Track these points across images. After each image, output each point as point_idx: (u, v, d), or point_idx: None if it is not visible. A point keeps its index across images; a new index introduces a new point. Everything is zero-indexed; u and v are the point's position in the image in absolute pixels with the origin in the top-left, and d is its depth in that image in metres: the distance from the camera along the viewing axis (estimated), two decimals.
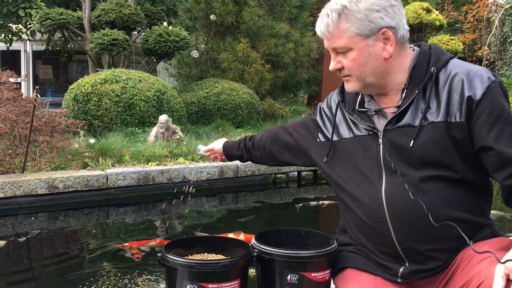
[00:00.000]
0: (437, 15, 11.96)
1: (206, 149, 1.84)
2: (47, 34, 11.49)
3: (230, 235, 3.62)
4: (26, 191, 4.58)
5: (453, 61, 1.28)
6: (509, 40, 14.48)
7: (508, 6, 14.29)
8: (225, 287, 1.25)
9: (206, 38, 9.75)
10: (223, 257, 1.45)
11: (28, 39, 15.70)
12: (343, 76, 1.31)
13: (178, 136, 6.18)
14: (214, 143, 1.83)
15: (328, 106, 1.48)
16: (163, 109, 6.97)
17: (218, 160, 1.86)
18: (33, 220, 4.36)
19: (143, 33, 9.24)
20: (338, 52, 1.27)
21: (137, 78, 7.01)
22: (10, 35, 14.23)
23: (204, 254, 1.49)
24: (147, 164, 5.41)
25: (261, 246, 1.35)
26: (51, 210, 4.62)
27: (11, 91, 5.64)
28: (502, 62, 14.80)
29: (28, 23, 13.48)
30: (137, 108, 6.71)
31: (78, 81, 6.91)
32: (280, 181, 6.19)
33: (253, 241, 1.39)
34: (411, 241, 1.24)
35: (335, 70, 1.31)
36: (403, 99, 1.27)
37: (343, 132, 1.39)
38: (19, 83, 7.25)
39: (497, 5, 15.03)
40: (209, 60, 9.58)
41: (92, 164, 5.19)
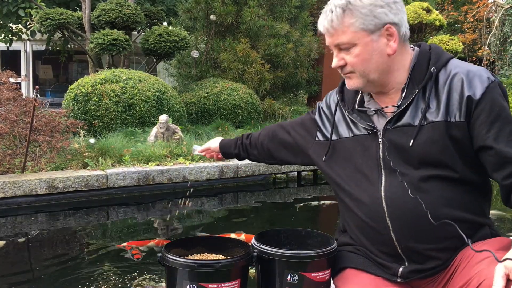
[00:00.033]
0: (437, 15, 11.96)
1: (202, 149, 1.83)
2: (47, 34, 11.49)
3: (232, 235, 3.63)
4: (26, 191, 4.58)
5: (453, 61, 1.28)
6: (509, 40, 14.47)
7: (508, 6, 14.28)
8: (225, 287, 1.26)
9: (206, 38, 9.75)
10: (223, 257, 1.45)
11: (28, 39, 15.70)
12: (345, 73, 1.30)
13: (178, 136, 6.18)
14: (210, 142, 1.82)
15: (327, 105, 1.48)
16: (163, 109, 6.97)
17: (215, 159, 1.85)
18: (33, 220, 4.36)
19: (143, 33, 9.24)
20: (341, 49, 1.27)
21: (137, 78, 7.01)
22: (10, 35, 14.23)
23: (204, 254, 1.49)
24: (147, 164, 5.41)
25: (261, 246, 1.35)
26: (51, 210, 4.62)
27: (11, 91, 5.64)
28: (502, 62, 14.80)
29: (28, 23, 13.48)
30: (137, 108, 6.71)
31: (78, 81, 6.91)
32: (280, 181, 6.19)
33: (253, 241, 1.39)
34: (411, 241, 1.24)
35: (338, 67, 1.30)
36: (403, 99, 1.27)
37: (342, 132, 1.39)
38: (19, 83, 7.25)
39: (497, 5, 15.02)
40: (209, 60, 9.58)
41: (92, 164, 5.19)
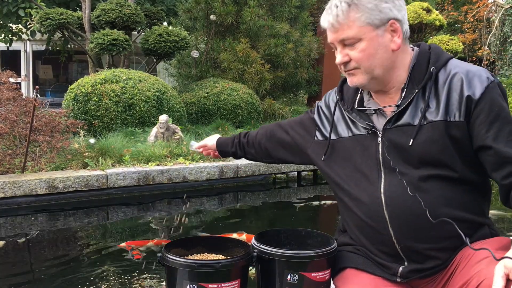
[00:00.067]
0: (437, 15, 11.96)
1: (199, 145, 1.82)
2: (47, 34, 11.49)
3: (234, 235, 3.64)
4: (26, 191, 4.58)
5: (453, 61, 1.28)
6: (509, 40, 14.48)
7: (508, 6, 14.28)
8: (225, 287, 1.26)
9: (206, 38, 9.75)
10: (223, 257, 1.45)
11: (28, 39, 15.71)
12: (349, 70, 1.28)
13: (178, 136, 6.18)
14: (208, 139, 1.81)
15: (326, 105, 1.48)
16: (163, 109, 6.97)
17: (211, 157, 1.84)
18: (33, 220, 4.36)
19: (143, 33, 9.24)
20: (345, 45, 1.26)
21: (137, 78, 7.01)
22: (10, 35, 14.23)
23: (204, 254, 1.49)
24: (147, 164, 5.41)
25: (261, 246, 1.35)
26: (51, 210, 4.62)
27: (11, 91, 5.64)
28: (502, 62, 14.80)
29: (28, 23, 13.48)
30: (137, 108, 6.71)
31: (78, 81, 6.91)
32: (280, 181, 6.19)
33: (253, 241, 1.39)
34: (410, 240, 1.24)
35: (342, 64, 1.28)
36: (403, 98, 1.27)
37: (342, 131, 1.38)
38: (19, 83, 7.25)
39: (497, 5, 15.03)
40: (209, 60, 9.58)
41: (92, 164, 5.19)
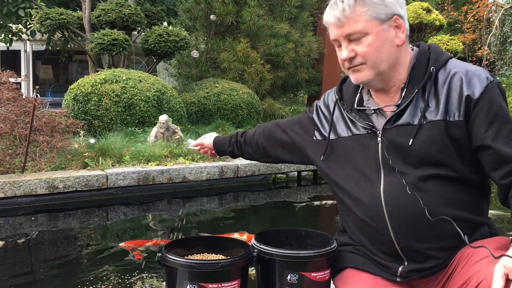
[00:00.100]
0: (437, 15, 11.96)
1: (196, 143, 1.82)
2: (47, 34, 11.49)
3: (235, 235, 3.66)
4: (26, 191, 4.58)
5: (452, 61, 1.29)
6: (509, 40, 14.48)
7: (508, 6, 14.29)
8: (225, 287, 1.26)
9: (206, 38, 9.75)
10: (223, 257, 1.45)
11: (28, 39, 15.71)
12: (355, 66, 1.27)
13: (178, 136, 6.18)
14: (204, 138, 1.81)
15: (325, 105, 1.48)
16: (163, 109, 6.97)
17: (208, 155, 1.83)
18: (33, 220, 4.36)
19: (143, 33, 9.24)
20: (351, 40, 1.25)
21: (137, 78, 7.01)
22: (10, 35, 14.23)
23: (204, 254, 1.49)
24: (147, 164, 5.41)
25: (261, 246, 1.35)
26: (51, 210, 4.62)
27: (11, 91, 5.64)
28: (502, 62, 14.80)
29: (28, 23, 13.48)
30: (137, 108, 6.71)
31: (78, 81, 6.91)
32: (280, 181, 6.19)
33: (253, 241, 1.39)
34: (410, 240, 1.24)
35: (347, 60, 1.26)
36: (403, 98, 1.27)
37: (341, 131, 1.38)
38: (19, 83, 7.25)
39: (497, 5, 15.03)
40: (209, 60, 9.58)
41: (92, 164, 5.19)
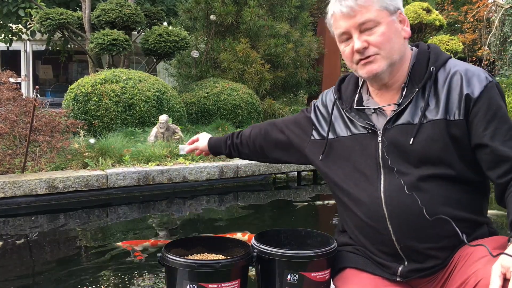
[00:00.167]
0: (437, 15, 11.97)
1: (190, 149, 1.80)
2: (47, 34, 11.49)
3: (238, 234, 3.67)
4: (26, 191, 4.58)
5: (451, 61, 1.29)
6: (509, 40, 14.48)
7: (508, 6, 14.29)
8: (225, 287, 1.26)
9: (206, 38, 9.75)
10: (223, 257, 1.45)
11: (28, 39, 15.72)
12: (368, 57, 1.25)
13: (178, 136, 6.19)
14: (198, 142, 1.79)
15: (324, 104, 1.48)
16: (163, 109, 6.97)
17: (203, 155, 1.82)
18: (33, 220, 4.36)
19: (143, 33, 9.24)
20: (362, 31, 1.24)
21: (137, 78, 7.01)
22: (10, 35, 14.24)
23: (204, 254, 1.49)
24: (147, 164, 5.41)
25: (261, 246, 1.35)
26: (51, 210, 4.62)
27: (11, 91, 5.64)
28: (502, 62, 14.80)
29: (28, 23, 13.49)
30: (137, 108, 6.71)
31: (78, 81, 6.91)
32: (280, 181, 6.19)
33: (253, 241, 1.39)
34: (410, 240, 1.24)
35: (359, 51, 1.25)
36: (404, 97, 1.28)
37: (340, 130, 1.38)
38: (19, 83, 7.25)
39: (497, 5, 15.03)
40: (209, 60, 9.58)
41: (92, 164, 5.19)
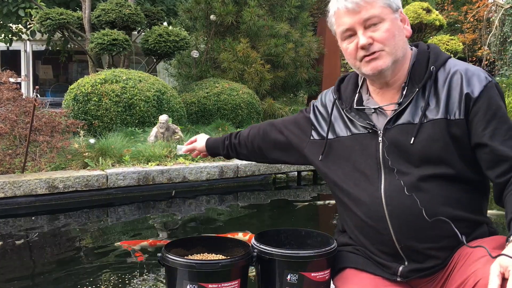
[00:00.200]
0: (437, 15, 11.96)
1: (187, 149, 1.80)
2: (47, 34, 11.49)
3: (239, 234, 3.68)
4: (26, 191, 4.58)
5: (451, 60, 1.30)
6: (509, 40, 14.48)
7: (508, 6, 14.29)
8: (225, 287, 1.26)
9: (206, 38, 9.75)
10: (223, 257, 1.45)
11: (28, 39, 15.72)
12: (372, 53, 1.25)
13: (178, 136, 6.19)
14: (196, 143, 1.79)
15: (323, 104, 1.47)
16: (163, 109, 6.97)
17: (201, 157, 1.82)
18: (33, 220, 4.36)
19: (143, 33, 9.24)
20: (367, 27, 1.24)
21: (137, 78, 7.01)
22: (10, 35, 14.24)
23: (204, 254, 1.49)
24: (147, 164, 5.41)
25: (261, 246, 1.34)
26: (51, 210, 4.62)
27: (11, 91, 5.64)
28: (502, 62, 14.80)
29: (28, 23, 13.49)
30: (137, 108, 6.71)
31: (78, 81, 6.91)
32: (280, 181, 6.19)
33: (253, 241, 1.39)
34: (410, 240, 1.24)
35: (364, 47, 1.24)
36: (404, 97, 1.28)
37: (340, 130, 1.38)
38: (19, 83, 7.25)
39: (497, 5, 15.03)
40: (209, 60, 9.58)
41: (92, 164, 5.19)
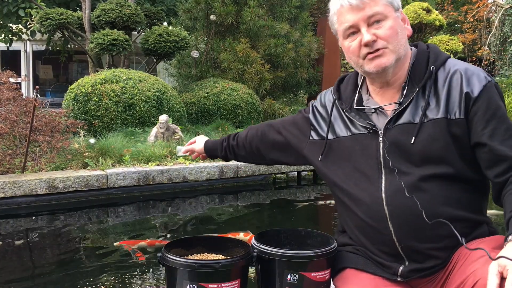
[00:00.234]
0: (437, 15, 11.96)
1: (186, 150, 1.81)
2: (47, 34, 11.50)
3: (240, 234, 3.68)
4: (26, 191, 4.58)
5: (451, 60, 1.30)
6: (509, 40, 14.48)
7: (508, 6, 14.29)
8: (225, 287, 1.25)
9: (206, 38, 9.75)
10: (223, 257, 1.45)
11: (28, 39, 15.71)
12: (376, 50, 1.24)
13: (178, 136, 6.19)
14: (194, 144, 1.80)
15: (322, 105, 1.47)
16: (163, 109, 6.97)
17: (200, 159, 1.83)
18: (33, 220, 4.36)
19: (143, 33, 9.24)
20: (370, 24, 1.24)
21: (137, 78, 7.01)
22: (10, 35, 14.24)
23: (204, 254, 1.48)
24: (147, 164, 5.41)
25: (261, 246, 1.34)
26: (51, 210, 4.62)
27: (11, 91, 5.64)
28: (502, 62, 14.80)
29: (28, 23, 13.49)
30: (137, 108, 6.71)
31: (78, 81, 6.91)
32: (280, 181, 6.19)
33: (253, 241, 1.39)
34: (411, 240, 1.24)
35: (368, 44, 1.24)
36: (404, 97, 1.28)
37: (339, 131, 1.38)
38: (19, 83, 7.26)
39: (497, 5, 15.03)
40: (209, 60, 9.58)
41: (92, 164, 5.19)
